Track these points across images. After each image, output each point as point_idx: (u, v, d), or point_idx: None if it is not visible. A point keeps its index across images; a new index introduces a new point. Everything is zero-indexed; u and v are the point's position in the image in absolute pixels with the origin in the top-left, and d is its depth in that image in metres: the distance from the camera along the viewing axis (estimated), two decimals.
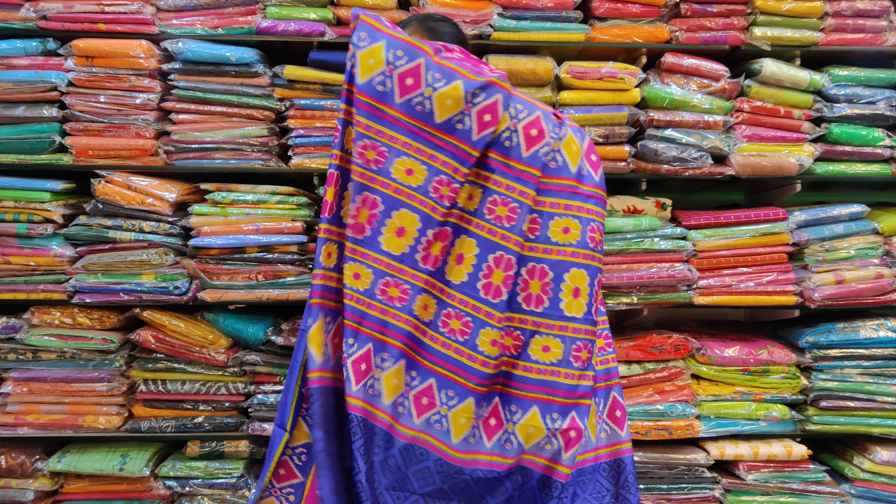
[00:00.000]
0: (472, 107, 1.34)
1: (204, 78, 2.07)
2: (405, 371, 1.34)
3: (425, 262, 1.34)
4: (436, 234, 1.34)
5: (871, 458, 2.15)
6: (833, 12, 2.16)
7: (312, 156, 2.11)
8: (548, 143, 1.36)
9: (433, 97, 1.33)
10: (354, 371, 1.31)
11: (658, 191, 2.35)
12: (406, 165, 1.34)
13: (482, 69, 1.41)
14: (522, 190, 1.34)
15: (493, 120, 1.33)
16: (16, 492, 2.09)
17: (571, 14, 2.13)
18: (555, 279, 1.36)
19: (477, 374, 1.32)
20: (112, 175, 2.04)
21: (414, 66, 1.33)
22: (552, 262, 1.37)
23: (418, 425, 1.34)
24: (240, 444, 2.14)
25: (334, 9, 2.10)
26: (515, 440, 1.35)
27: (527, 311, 1.36)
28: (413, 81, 1.33)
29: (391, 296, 1.33)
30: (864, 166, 2.23)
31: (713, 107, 2.14)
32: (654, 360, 2.16)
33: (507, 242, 1.32)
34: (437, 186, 1.34)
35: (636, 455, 2.11)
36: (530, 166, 1.35)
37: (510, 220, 1.33)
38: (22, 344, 2.08)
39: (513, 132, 1.35)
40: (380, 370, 1.33)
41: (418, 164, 1.34)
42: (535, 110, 1.39)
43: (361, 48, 1.33)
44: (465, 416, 1.33)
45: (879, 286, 2.17)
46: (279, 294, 2.08)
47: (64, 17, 2.06)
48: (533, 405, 1.36)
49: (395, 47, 1.33)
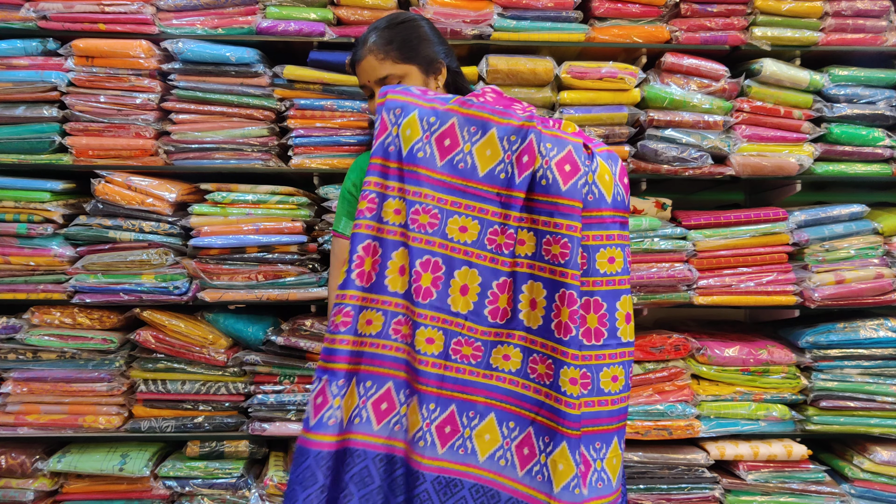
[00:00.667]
0: (511, 153, 1.37)
1: (204, 78, 2.07)
2: (499, 424, 1.35)
3: (495, 316, 1.36)
4: (500, 285, 1.36)
5: (871, 458, 2.15)
6: (833, 12, 2.16)
7: (312, 156, 2.11)
8: (583, 175, 1.38)
9: (472, 151, 1.38)
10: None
11: (658, 191, 2.35)
12: (459, 224, 1.37)
13: (513, 110, 1.43)
14: (570, 224, 1.35)
15: (530, 161, 1.36)
16: (16, 492, 2.09)
17: (571, 14, 2.13)
18: (609, 310, 1.39)
19: (565, 417, 1.31)
20: (112, 175, 2.04)
21: (448, 126, 1.38)
22: (604, 293, 1.39)
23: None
24: (240, 444, 2.14)
25: (334, 9, 2.10)
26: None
27: (588, 347, 1.37)
28: (451, 142, 1.38)
29: (465, 354, 1.35)
30: (864, 166, 2.23)
31: (713, 107, 2.14)
32: (654, 360, 2.16)
33: (566, 278, 1.33)
34: (492, 238, 1.37)
35: (636, 455, 2.12)
36: (571, 199, 1.35)
37: (564, 255, 1.34)
38: (22, 344, 2.08)
39: (546, 169, 1.37)
40: (468, 429, 1.35)
41: (470, 220, 1.37)
42: (565, 145, 1.39)
43: (399, 124, 1.39)
44: (563, 462, 1.31)
45: (879, 286, 2.17)
46: (279, 294, 2.08)
47: (64, 17, 2.06)
48: (614, 436, 1.36)
49: (427, 115, 1.38)
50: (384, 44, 1.53)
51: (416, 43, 1.55)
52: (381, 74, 1.52)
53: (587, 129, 2.10)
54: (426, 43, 1.57)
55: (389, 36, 1.53)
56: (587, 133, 2.06)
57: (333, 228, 1.65)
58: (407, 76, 1.53)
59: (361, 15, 2.09)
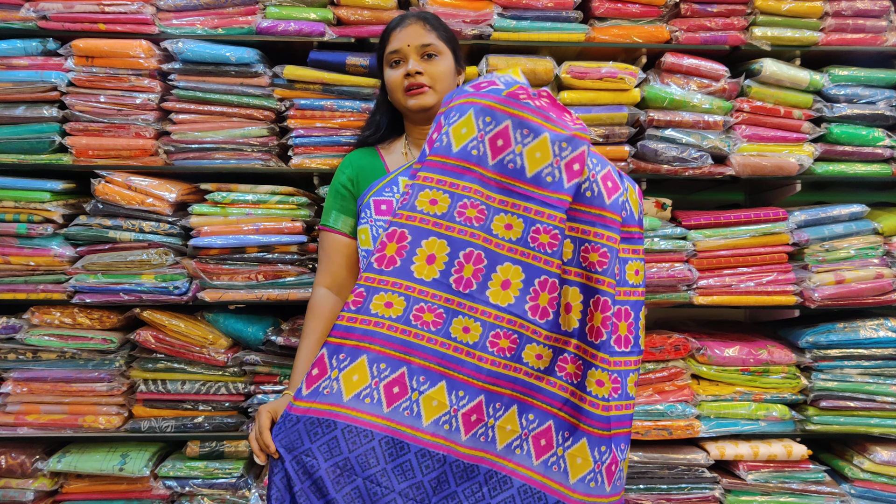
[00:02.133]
0: (560, 159, 1.41)
1: (204, 78, 2.07)
2: (519, 416, 1.38)
3: (534, 313, 1.39)
4: (541, 283, 1.40)
5: (871, 458, 2.15)
6: (833, 12, 2.16)
7: (312, 156, 2.11)
8: (622, 193, 1.44)
9: (523, 153, 1.41)
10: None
11: (658, 191, 2.35)
12: (504, 221, 1.41)
13: (565, 119, 1.47)
14: (610, 235, 1.40)
15: (580, 170, 1.40)
16: (16, 492, 2.09)
17: (571, 14, 2.13)
18: (635, 318, 1.45)
19: (590, 416, 1.37)
20: (112, 175, 2.04)
21: (502, 128, 1.41)
22: (632, 303, 1.45)
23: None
24: (240, 444, 2.14)
25: (334, 9, 2.10)
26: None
27: (618, 353, 1.42)
28: (503, 142, 1.42)
29: (501, 347, 1.38)
30: (864, 166, 2.23)
31: (713, 107, 2.14)
32: (654, 360, 2.16)
33: (602, 286, 1.38)
34: (534, 236, 1.40)
35: (636, 455, 2.12)
36: (613, 212, 1.41)
37: (602, 264, 1.39)
38: (22, 344, 2.08)
39: (592, 182, 1.42)
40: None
41: (515, 219, 1.41)
42: (606, 164, 1.47)
43: (452, 123, 1.43)
44: (581, 457, 1.37)
45: (879, 286, 2.17)
46: (279, 294, 2.08)
47: (64, 17, 2.06)
48: (623, 440, 1.42)
49: (483, 114, 1.42)
50: (434, 21, 1.62)
51: (456, 41, 1.66)
52: (426, 41, 1.58)
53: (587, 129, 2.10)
54: (460, 47, 1.69)
55: (437, 21, 1.63)
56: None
57: (322, 223, 1.66)
58: (444, 56, 1.60)
59: (361, 15, 2.09)
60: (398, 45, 1.58)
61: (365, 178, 1.64)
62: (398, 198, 1.57)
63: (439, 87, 1.59)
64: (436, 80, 1.58)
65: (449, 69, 1.60)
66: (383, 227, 1.51)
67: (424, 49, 1.57)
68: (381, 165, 1.67)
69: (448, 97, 1.49)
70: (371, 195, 1.61)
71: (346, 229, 1.64)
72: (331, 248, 1.64)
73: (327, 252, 1.64)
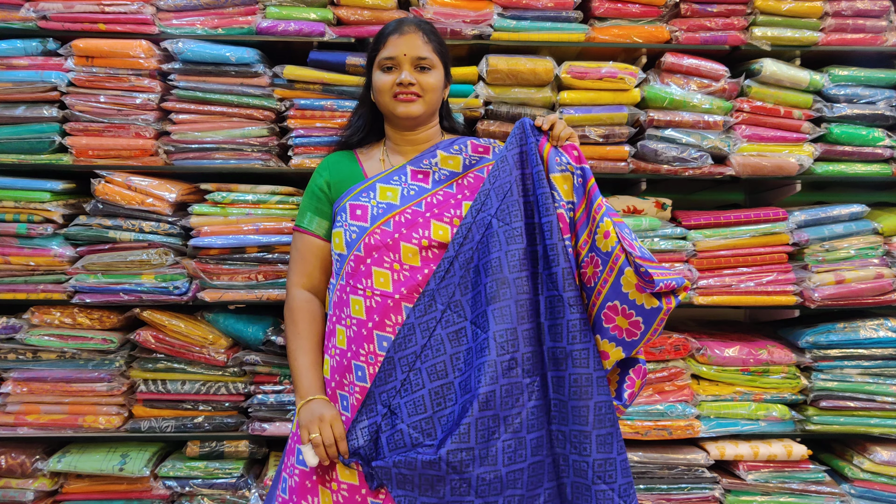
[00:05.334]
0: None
1: (204, 78, 2.07)
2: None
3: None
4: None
5: (871, 458, 2.15)
6: (833, 12, 2.16)
7: (312, 156, 2.11)
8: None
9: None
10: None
11: (658, 191, 2.35)
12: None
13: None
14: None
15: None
16: (16, 492, 2.09)
17: (571, 14, 2.13)
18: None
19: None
20: (112, 175, 2.04)
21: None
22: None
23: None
24: (240, 444, 2.15)
25: (334, 9, 2.10)
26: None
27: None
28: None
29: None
30: (864, 166, 2.23)
31: (713, 107, 2.14)
32: (654, 360, 2.16)
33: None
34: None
35: (636, 455, 2.12)
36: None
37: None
38: (22, 344, 2.08)
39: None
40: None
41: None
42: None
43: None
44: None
45: (879, 286, 2.17)
46: (279, 294, 2.08)
47: (64, 17, 2.06)
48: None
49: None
50: (431, 32, 1.62)
51: (447, 54, 1.66)
52: (422, 54, 1.57)
53: (587, 129, 2.10)
54: (450, 59, 1.68)
55: (434, 34, 1.63)
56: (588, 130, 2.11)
57: (297, 224, 1.65)
58: (436, 69, 1.60)
59: (361, 15, 2.09)
60: (394, 52, 1.57)
61: (342, 183, 1.63)
62: (374, 203, 1.58)
63: (428, 98, 1.59)
64: (426, 91, 1.58)
65: (439, 83, 1.61)
66: (356, 232, 1.53)
67: (419, 62, 1.57)
68: (358, 171, 1.66)
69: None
70: (347, 199, 1.60)
71: (321, 232, 1.64)
72: (305, 249, 1.64)
73: (302, 253, 1.64)
